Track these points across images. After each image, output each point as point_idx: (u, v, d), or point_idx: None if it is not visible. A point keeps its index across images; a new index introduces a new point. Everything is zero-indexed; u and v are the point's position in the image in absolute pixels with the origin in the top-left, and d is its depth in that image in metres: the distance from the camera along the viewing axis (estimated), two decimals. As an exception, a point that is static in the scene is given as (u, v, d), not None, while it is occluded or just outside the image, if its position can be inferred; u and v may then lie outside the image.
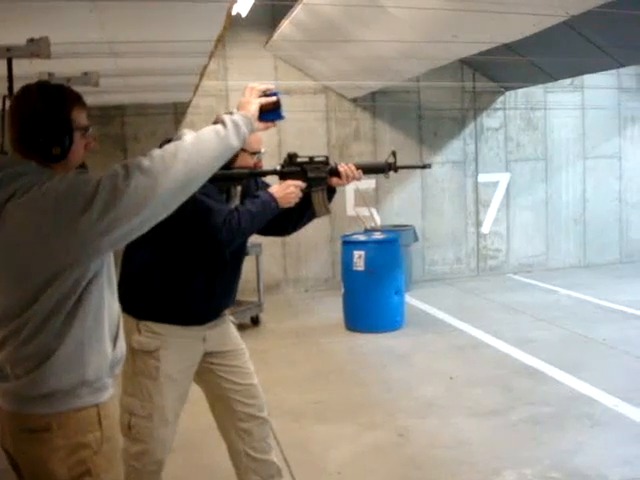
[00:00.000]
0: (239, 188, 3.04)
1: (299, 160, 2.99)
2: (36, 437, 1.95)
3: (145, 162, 1.88)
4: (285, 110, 2.31)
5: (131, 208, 1.84)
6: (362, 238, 7.44)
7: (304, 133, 9.17)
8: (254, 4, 7.14)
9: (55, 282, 1.89)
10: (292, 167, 2.98)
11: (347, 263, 7.17)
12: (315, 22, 6.75)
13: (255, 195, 2.94)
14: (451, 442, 4.31)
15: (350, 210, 9.38)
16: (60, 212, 1.84)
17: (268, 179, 3.07)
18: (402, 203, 9.67)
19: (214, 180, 2.80)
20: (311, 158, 2.99)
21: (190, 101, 8.63)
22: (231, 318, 3.27)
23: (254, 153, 2.92)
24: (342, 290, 7.30)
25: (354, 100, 9.39)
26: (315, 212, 3.02)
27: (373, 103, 9.44)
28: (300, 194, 2.94)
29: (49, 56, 3.40)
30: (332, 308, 7.75)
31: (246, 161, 2.89)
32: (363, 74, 7.69)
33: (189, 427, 4.08)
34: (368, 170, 3.10)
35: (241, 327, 7.42)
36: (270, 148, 8.76)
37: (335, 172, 3.00)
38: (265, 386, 5.37)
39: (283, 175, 2.97)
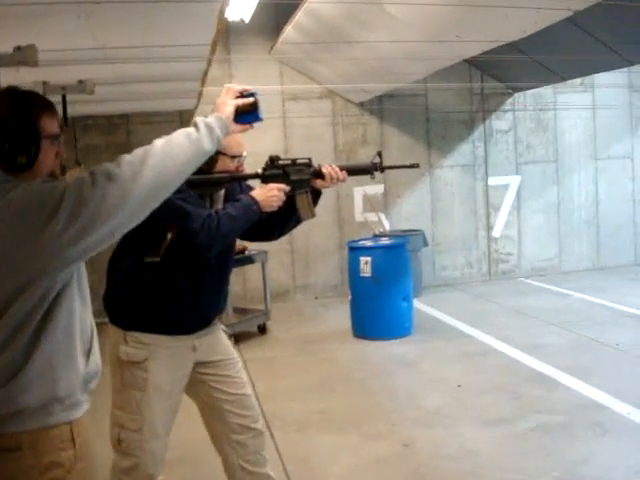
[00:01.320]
0: (222, 192, 2.97)
1: (281, 162, 2.91)
2: (7, 456, 1.87)
3: (113, 169, 1.79)
4: (289, 116, 2.22)
5: (98, 217, 1.76)
6: (368, 244, 7.34)
7: (311, 138, 9.09)
8: (258, 10, 7.10)
9: (22, 295, 1.81)
10: (274, 170, 2.91)
11: (354, 269, 7.07)
12: (317, 26, 6.68)
13: (236, 199, 2.87)
14: (457, 453, 4.19)
15: (358, 216, 9.30)
16: (24, 222, 1.77)
17: (254, 183, 3.00)
18: (411, 208, 9.56)
19: (194, 185, 2.75)
20: (294, 160, 2.92)
21: (195, 108, 8.57)
22: (222, 327, 3.19)
23: (235, 157, 2.84)
24: (349, 297, 7.19)
25: (361, 104, 9.30)
26: (300, 216, 2.94)
27: (380, 107, 9.34)
28: (283, 197, 2.87)
29: (36, 64, 3.33)
30: (341, 315, 7.63)
31: (227, 165, 2.83)
32: (368, 77, 7.59)
33: (189, 439, 4.01)
34: (353, 171, 3.02)
35: (248, 335, 7.38)
36: (277, 154, 8.71)
37: (319, 174, 2.92)
38: (269, 396, 5.37)
39: (265, 178, 2.91)
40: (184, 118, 8.81)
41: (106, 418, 2.94)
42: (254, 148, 8.12)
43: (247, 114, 2.15)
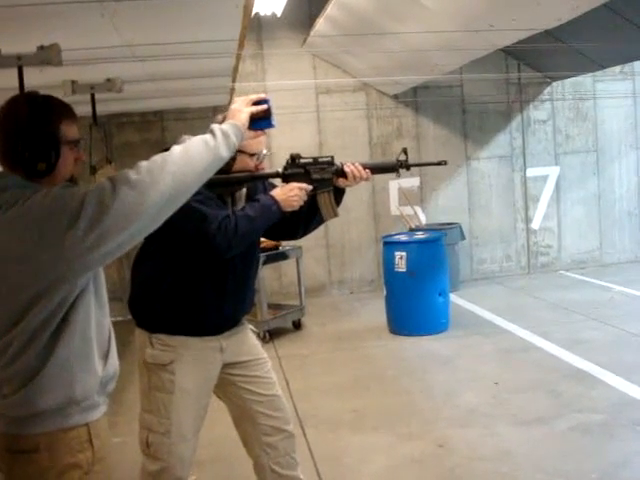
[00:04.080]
0: (244, 191, 2.91)
1: (302, 161, 2.85)
2: (24, 458, 1.92)
3: (132, 175, 1.81)
4: (322, 109, 2.26)
5: (118, 224, 1.78)
6: (403, 238, 7.23)
7: (345, 132, 9.02)
8: (289, 4, 7.05)
9: (42, 300, 1.84)
10: (295, 169, 2.84)
11: (389, 264, 6.97)
12: (349, 18, 6.61)
13: (256, 199, 2.81)
14: (493, 453, 4.09)
15: (394, 209, 9.20)
16: (45, 228, 1.79)
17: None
18: (447, 201, 9.42)
19: (212, 185, 2.69)
20: (315, 159, 2.86)
21: (229, 104, 8.54)
22: (250, 327, 3.14)
23: (254, 155, 2.78)
24: (384, 292, 7.11)
25: (395, 97, 9.18)
26: (322, 215, 2.87)
27: (415, 99, 9.21)
28: (304, 197, 2.81)
29: (60, 63, 3.31)
30: (377, 310, 7.54)
31: (246, 163, 2.76)
32: (401, 69, 7.48)
33: (222, 437, 3.97)
34: (377, 169, 2.95)
35: (283, 332, 7.35)
36: (311, 148, 8.67)
37: (341, 172, 2.85)
38: (303, 393, 5.32)
39: (285, 177, 2.84)
40: (219, 113, 8.78)
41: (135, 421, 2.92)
42: (288, 143, 8.19)
43: (260, 120, 2.24)
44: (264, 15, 8.15)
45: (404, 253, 6.79)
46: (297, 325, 7.46)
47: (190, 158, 1.89)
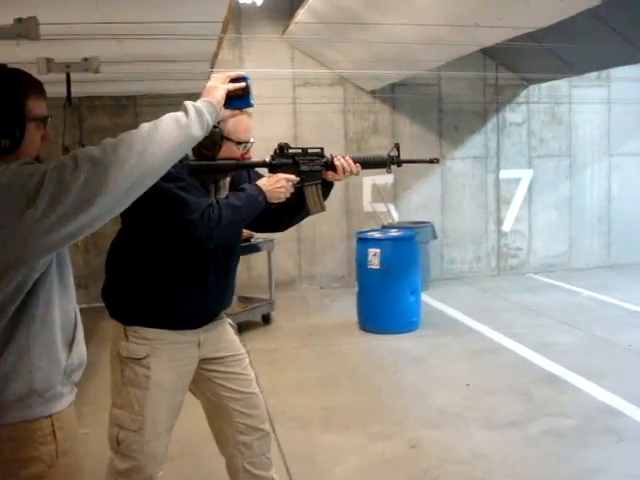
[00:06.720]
0: (228, 180, 2.79)
1: (291, 151, 2.74)
2: None
3: (96, 153, 1.69)
4: (299, 102, 2.12)
5: (79, 204, 1.66)
6: (377, 235, 7.17)
7: (321, 126, 8.92)
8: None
9: None
10: (283, 159, 2.73)
11: (362, 261, 6.91)
12: (331, 10, 6.50)
13: (241, 188, 2.69)
14: (466, 456, 4.04)
15: (367, 206, 9.14)
16: (2, 207, 1.68)
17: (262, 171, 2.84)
18: (421, 199, 9.39)
19: (196, 172, 2.57)
20: (304, 149, 2.74)
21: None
22: (229, 321, 3.03)
23: (241, 143, 2.66)
24: (356, 288, 7.05)
25: (372, 92, 9.11)
26: (308, 209, 2.77)
27: (392, 95, 9.15)
28: (291, 189, 2.70)
29: (38, 37, 3.18)
30: (347, 307, 7.48)
31: (232, 151, 2.64)
32: (381, 64, 7.40)
33: (189, 433, 3.85)
34: (368, 164, 2.83)
35: (252, 325, 7.24)
36: (286, 141, 8.49)
37: (331, 165, 2.74)
38: (272, 389, 5.22)
39: (273, 167, 2.72)
40: (193, 100, 8.62)
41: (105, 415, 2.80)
42: (263, 134, 7.98)
43: (238, 99, 2.11)
44: (244, 3, 8.01)
45: (378, 250, 6.73)
46: (266, 319, 7.36)
47: (159, 137, 1.76)
